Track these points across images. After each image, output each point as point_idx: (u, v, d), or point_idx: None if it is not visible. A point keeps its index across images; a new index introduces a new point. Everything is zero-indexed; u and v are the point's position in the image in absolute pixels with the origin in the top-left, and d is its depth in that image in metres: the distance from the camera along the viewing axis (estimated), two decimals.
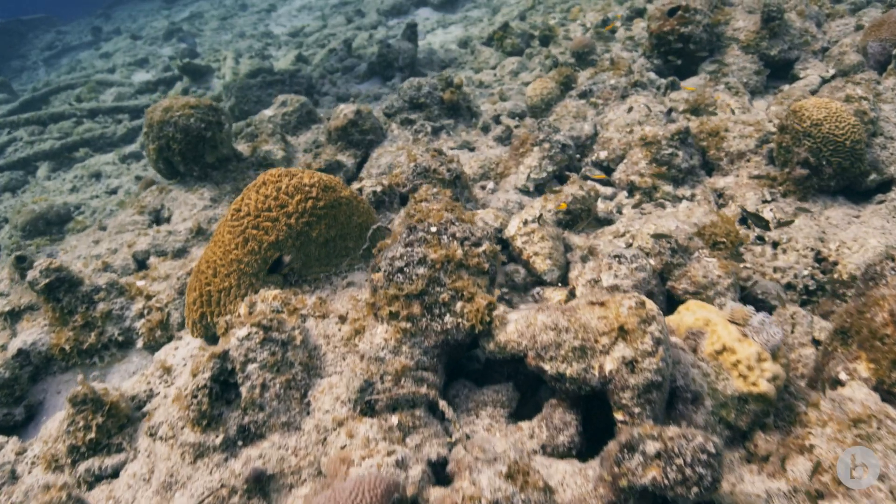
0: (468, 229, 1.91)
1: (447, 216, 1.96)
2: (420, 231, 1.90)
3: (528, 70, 6.70)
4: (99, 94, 10.09)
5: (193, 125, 3.84)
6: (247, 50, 11.50)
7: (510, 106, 5.12)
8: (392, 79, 7.58)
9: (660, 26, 4.64)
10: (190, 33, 13.97)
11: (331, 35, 10.95)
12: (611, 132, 3.82)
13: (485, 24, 9.30)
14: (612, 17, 6.48)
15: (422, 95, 4.77)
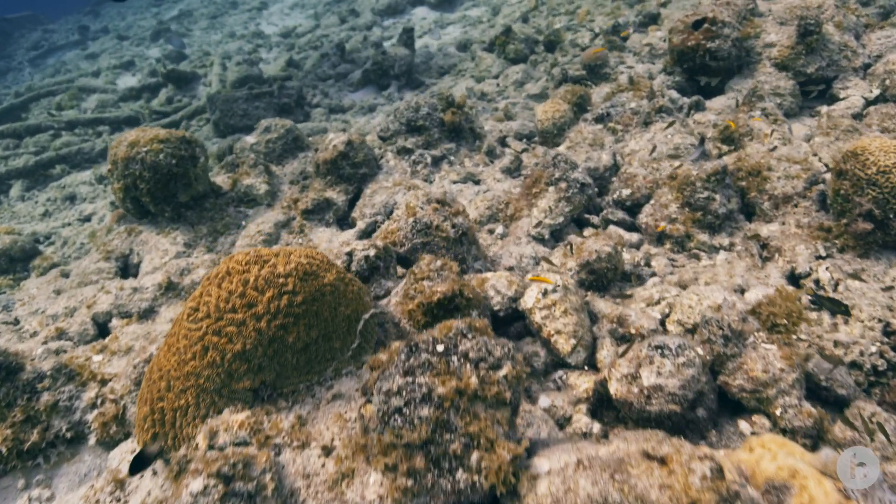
0: (484, 345, 1.50)
1: (457, 326, 1.53)
2: (423, 352, 1.48)
3: (533, 80, 6.25)
4: (81, 101, 9.60)
5: (163, 162, 3.40)
6: (236, 52, 11.01)
7: (517, 126, 4.68)
8: (388, 87, 7.12)
9: (683, 40, 4.19)
10: (178, 34, 13.45)
11: (323, 36, 10.45)
12: (634, 167, 3.38)
13: (485, 25, 8.82)
14: (625, 23, 6.01)
15: (420, 117, 4.33)
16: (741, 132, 3.48)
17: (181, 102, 8.00)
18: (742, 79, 4.21)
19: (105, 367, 2.60)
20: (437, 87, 6.84)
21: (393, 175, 3.82)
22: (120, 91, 9.28)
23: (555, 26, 7.09)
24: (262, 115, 6.44)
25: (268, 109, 6.46)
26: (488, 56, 6.94)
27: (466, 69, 7.12)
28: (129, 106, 8.69)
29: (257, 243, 3.51)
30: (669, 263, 3.00)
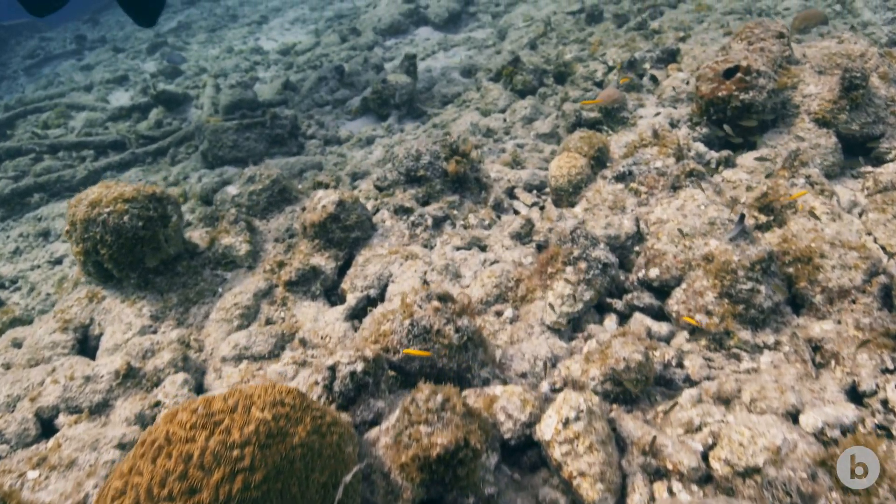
0: None
1: None
2: None
3: (542, 115, 5.86)
4: (69, 119, 9.22)
5: (128, 225, 2.99)
6: (233, 69, 10.64)
7: (526, 176, 4.27)
8: (388, 117, 6.73)
9: (713, 90, 3.79)
10: (176, 49, 13.09)
11: (323, 55, 10.09)
12: (663, 242, 2.97)
13: (491, 51, 8.45)
14: (642, 58, 5.63)
15: (421, 167, 3.93)
16: (783, 202, 3.08)
17: (171, 126, 7.61)
18: (778, 133, 3.81)
19: (39, 489, 2.19)
20: (440, 119, 6.45)
21: (389, 238, 3.41)
22: (109, 110, 8.89)
23: (565, 56, 6.72)
24: (253, 146, 6.05)
25: (259, 141, 6.07)
26: (495, 87, 6.56)
27: (471, 100, 6.74)
28: (117, 127, 8.30)
29: (233, 318, 3.09)
30: (705, 364, 2.59)
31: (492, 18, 10.44)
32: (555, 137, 5.41)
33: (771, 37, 3.98)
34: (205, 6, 17.49)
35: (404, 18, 10.33)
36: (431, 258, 3.25)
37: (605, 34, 7.25)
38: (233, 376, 2.76)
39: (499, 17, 10.38)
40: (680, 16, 7.14)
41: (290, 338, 2.93)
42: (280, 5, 15.38)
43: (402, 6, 10.45)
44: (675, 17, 7.12)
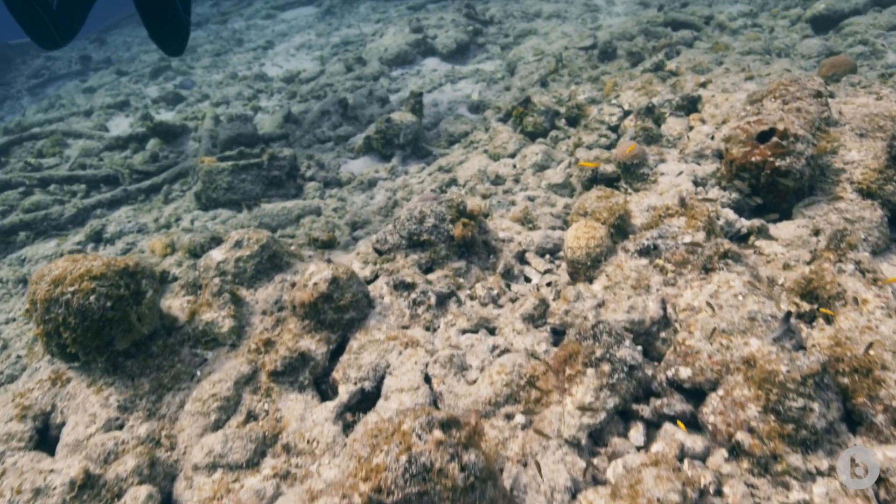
0: None
1: None
2: None
3: (554, 162, 5.55)
4: (64, 147, 8.98)
5: (94, 306, 2.67)
6: (235, 97, 10.43)
7: (539, 238, 3.94)
8: (391, 157, 6.44)
9: (745, 154, 3.48)
10: (180, 73, 12.92)
11: (327, 85, 9.86)
12: (696, 339, 2.63)
13: (500, 86, 8.18)
14: (659, 104, 5.33)
15: (424, 230, 3.61)
16: (830, 292, 2.73)
17: (167, 160, 7.34)
18: (816, 203, 3.48)
19: None
20: (446, 160, 6.15)
21: (388, 317, 3.07)
22: (106, 139, 8.65)
23: (578, 97, 6.43)
24: (248, 188, 5.75)
25: (256, 183, 5.77)
26: (504, 129, 6.27)
27: (479, 141, 6.45)
28: (113, 158, 8.05)
29: (210, 411, 2.75)
30: (748, 492, 2.23)
31: (501, 50, 10.22)
32: (567, 188, 5.09)
33: (808, 96, 3.67)
34: (211, 29, 17.42)
35: (411, 49, 10.11)
36: (434, 344, 2.91)
37: (620, 73, 6.97)
38: (205, 489, 2.41)
39: (508, 49, 10.16)
40: (697, 56, 6.86)
41: (272, 441, 2.59)
42: (286, 30, 15.26)
43: (409, 36, 10.24)
44: (693, 57, 6.84)
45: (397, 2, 16.02)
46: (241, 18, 17.61)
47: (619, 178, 4.50)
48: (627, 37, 8.37)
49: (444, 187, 5.71)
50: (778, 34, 8.93)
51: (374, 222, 5.17)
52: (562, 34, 9.60)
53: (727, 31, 8.88)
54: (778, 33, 8.94)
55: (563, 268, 3.74)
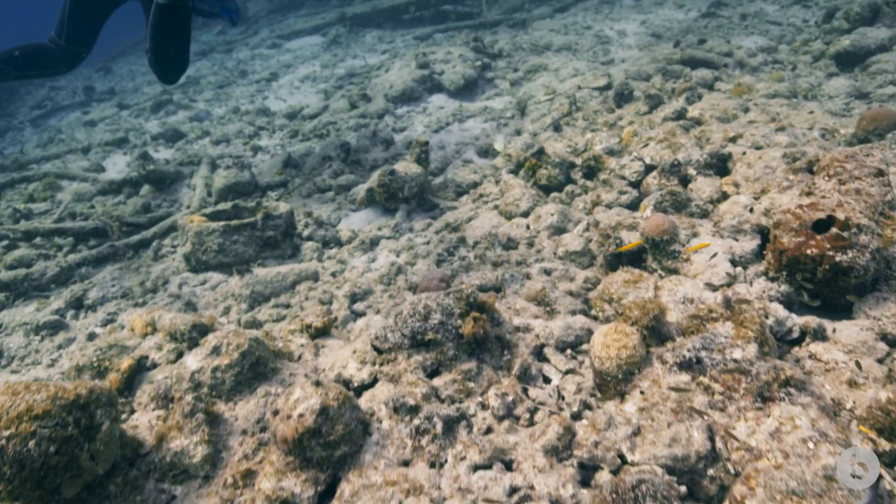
0: None
1: None
2: None
3: (571, 223, 5.11)
4: (56, 190, 8.65)
5: (34, 452, 2.24)
6: (236, 135, 10.10)
7: (559, 330, 3.48)
8: (395, 212, 6.03)
9: (799, 245, 3.02)
10: (181, 106, 12.66)
11: (330, 123, 9.52)
12: (758, 500, 2.16)
13: (511, 129, 7.79)
14: (685, 161, 4.89)
15: (430, 328, 3.16)
16: None
17: (159, 211, 6.97)
18: (882, 300, 3.02)
19: None
20: (454, 216, 5.73)
21: (386, 448, 2.61)
22: (100, 182, 8.31)
23: (594, 147, 6.01)
24: (241, 251, 5.35)
25: (249, 244, 5.36)
26: (516, 182, 5.85)
27: (489, 194, 6.02)
28: (105, 204, 7.69)
29: None
30: None
31: (510, 86, 9.86)
32: (587, 255, 4.65)
33: (867, 175, 3.23)
34: (216, 58, 17.26)
35: (417, 85, 9.77)
36: (441, 488, 2.45)
37: (638, 118, 6.56)
38: None
39: (518, 86, 9.80)
40: (721, 101, 6.44)
41: None
42: (291, 61, 15.03)
43: (416, 72, 9.91)
44: (716, 102, 6.42)
45: (403, 30, 15.80)
46: (247, 48, 17.45)
47: (645, 251, 4.06)
48: (643, 76, 7.98)
49: (452, 249, 5.29)
50: (801, 71, 8.52)
51: (375, 292, 4.73)
52: (574, 70, 9.23)
53: (747, 69, 8.48)
54: (801, 70, 8.53)
55: (587, 364, 3.29)
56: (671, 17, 13.05)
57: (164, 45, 5.56)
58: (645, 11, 13.68)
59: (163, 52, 5.60)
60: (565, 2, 14.91)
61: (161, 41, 5.52)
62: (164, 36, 5.51)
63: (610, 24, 12.97)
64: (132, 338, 4.25)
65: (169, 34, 5.53)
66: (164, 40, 5.52)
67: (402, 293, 4.66)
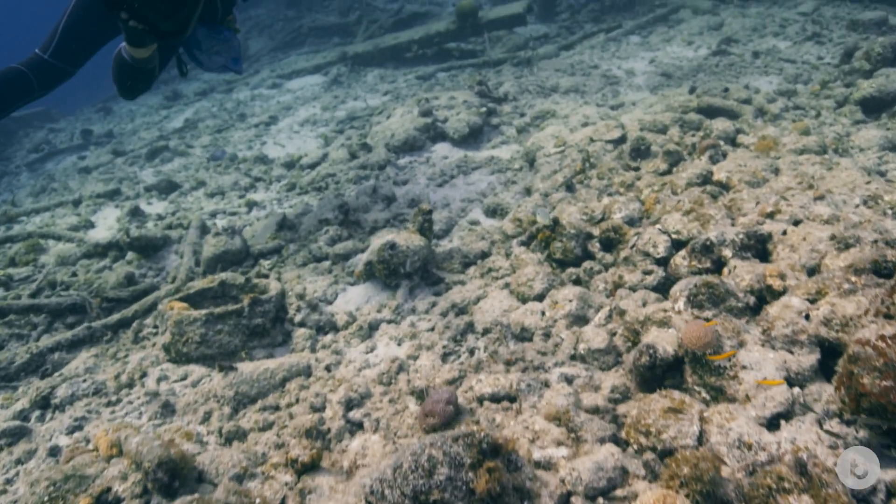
0: None
1: None
2: None
3: (592, 310, 4.58)
4: (40, 253, 8.21)
5: None
6: (231, 187, 9.68)
7: (588, 473, 2.92)
8: (397, 287, 5.52)
9: (886, 391, 2.48)
10: (177, 153, 12.30)
11: (329, 175, 9.09)
12: None
13: (520, 187, 7.32)
14: (718, 241, 4.38)
15: (434, 486, 2.62)
16: None
17: (143, 283, 6.49)
18: None
19: None
20: (461, 295, 5.21)
21: None
22: (85, 245, 7.86)
23: (613, 216, 5.51)
24: (225, 341, 4.83)
25: (234, 334, 4.85)
26: (528, 256, 5.34)
27: (499, 268, 5.52)
28: (89, 269, 7.22)
29: None
30: None
31: (517, 133, 9.43)
32: (612, 353, 4.11)
33: None
34: (216, 98, 17.03)
35: (420, 134, 9.36)
36: None
37: (658, 181, 6.06)
38: None
39: (525, 133, 9.38)
40: (748, 161, 5.95)
41: None
42: (291, 102, 14.73)
43: (418, 120, 9.50)
44: (743, 162, 5.93)
45: (405, 69, 15.51)
46: (247, 88, 17.21)
47: (682, 362, 3.52)
48: (659, 128, 7.52)
49: (460, 337, 4.76)
50: (825, 118, 8.06)
51: (374, 395, 4.20)
52: (584, 118, 8.79)
53: (769, 117, 8.02)
54: (825, 117, 8.07)
55: None
56: (680, 55, 12.69)
57: (122, 83, 5.60)
58: (653, 49, 13.33)
59: (120, 85, 5.65)
60: (571, 39, 14.61)
61: (119, 80, 5.54)
62: (120, 78, 5.50)
63: (618, 63, 12.62)
64: (94, 463, 3.72)
65: (125, 78, 5.50)
66: (121, 80, 5.53)
67: (403, 397, 4.12)
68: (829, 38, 12.47)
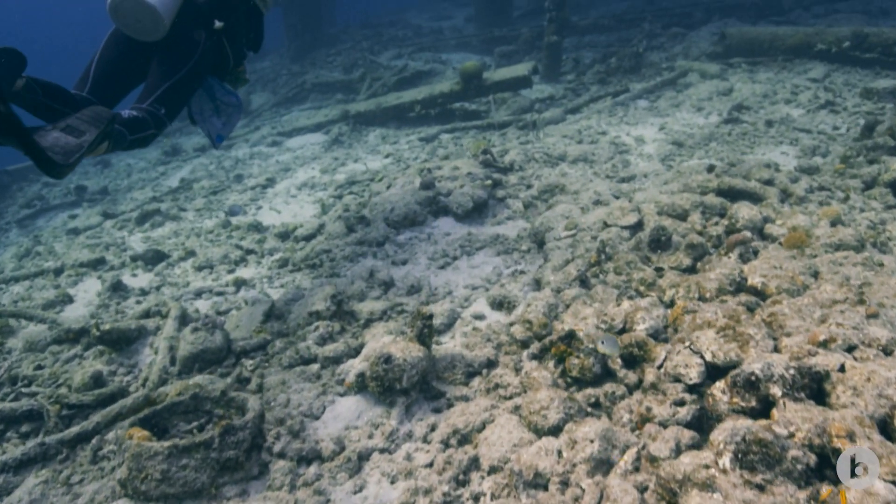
0: None
1: None
2: None
3: (616, 450, 3.92)
4: (9, 336, 7.59)
5: None
6: (221, 260, 9.13)
7: None
8: (393, 406, 4.87)
9: None
10: (169, 218, 11.84)
11: (325, 251, 8.56)
12: None
13: (528, 279, 6.75)
14: (765, 375, 3.76)
15: None
16: None
17: (111, 384, 5.85)
18: None
19: None
20: (463, 419, 4.56)
21: None
22: (57, 328, 7.24)
23: (636, 327, 4.91)
24: (191, 478, 4.15)
25: (202, 469, 4.18)
26: (541, 375, 4.71)
27: (507, 385, 4.88)
28: (58, 357, 6.59)
29: None
30: None
31: (524, 208, 8.94)
32: None
33: None
34: (214, 155, 16.70)
35: (421, 208, 8.86)
36: None
37: (683, 281, 5.49)
38: None
39: (532, 208, 8.88)
40: (782, 261, 5.38)
41: None
42: (290, 162, 14.39)
43: (420, 193, 9.03)
44: (777, 262, 5.36)
45: (408, 129, 15.23)
46: (247, 145, 16.93)
47: None
48: (678, 212, 7.00)
49: (463, 478, 4.09)
50: (854, 202, 7.55)
51: None
52: (595, 196, 8.30)
53: (794, 199, 7.51)
54: (854, 201, 7.56)
55: None
56: (691, 122, 12.35)
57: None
58: (662, 114, 13.02)
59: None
60: (577, 102, 14.35)
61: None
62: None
63: (626, 130, 12.27)
64: None
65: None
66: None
67: None
68: (844, 106, 12.14)
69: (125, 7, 5.02)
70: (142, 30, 5.21)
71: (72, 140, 3.88)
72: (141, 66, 5.62)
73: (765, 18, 19.88)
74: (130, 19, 5.09)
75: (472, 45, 22.71)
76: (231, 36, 6.05)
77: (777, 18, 19.72)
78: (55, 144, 3.79)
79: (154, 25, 5.16)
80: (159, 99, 5.37)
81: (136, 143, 5.18)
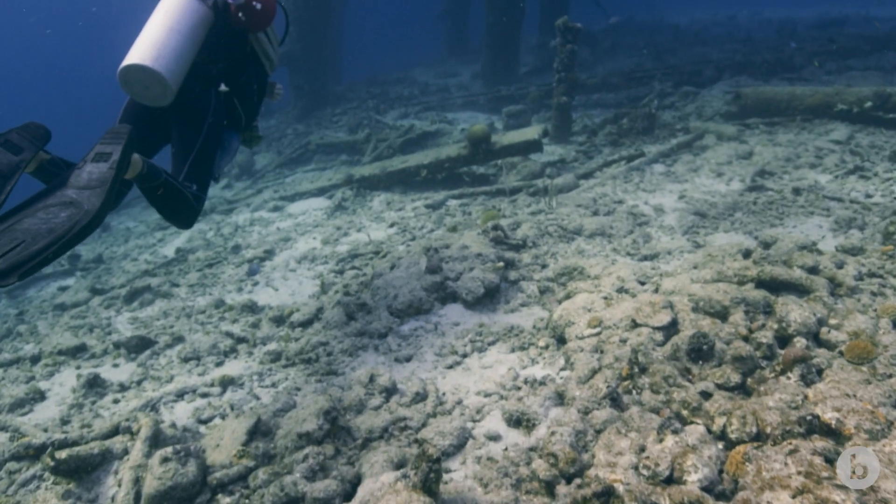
0: None
1: None
2: None
3: None
4: None
5: None
6: (209, 351, 8.37)
7: None
8: None
9: None
10: (160, 295, 11.15)
11: (322, 344, 7.79)
12: None
13: (551, 391, 5.91)
14: None
15: None
16: None
17: None
18: None
19: None
20: None
21: None
22: (18, 440, 6.43)
23: (687, 478, 4.06)
24: None
25: None
26: None
27: None
28: (11, 481, 5.75)
29: None
30: None
31: (540, 293, 8.17)
32: None
33: None
34: (214, 220, 16.19)
35: (427, 294, 8.12)
36: None
37: (735, 407, 4.64)
38: None
39: (548, 293, 8.11)
40: (855, 386, 4.54)
41: None
42: (290, 229, 13.79)
43: (426, 278, 8.30)
44: (849, 388, 4.52)
45: (414, 194, 14.68)
46: (248, 209, 16.43)
47: None
48: (717, 310, 6.21)
49: None
50: None
51: None
52: (618, 281, 7.54)
53: (844, 290, 6.71)
54: None
55: None
56: (712, 189, 11.70)
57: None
58: (680, 180, 12.39)
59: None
60: (589, 166, 13.79)
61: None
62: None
63: (644, 198, 11.62)
64: None
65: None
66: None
67: None
68: (874, 171, 11.48)
69: (132, 75, 4.97)
70: (150, 96, 5.15)
71: (102, 165, 3.71)
72: (162, 130, 5.60)
73: (776, 75, 19.55)
74: (139, 87, 5.06)
75: (479, 103, 22.50)
76: (241, 96, 6.08)
77: (789, 75, 19.38)
78: (90, 179, 3.63)
79: (162, 91, 5.07)
80: (188, 177, 5.28)
81: (175, 201, 4.94)
